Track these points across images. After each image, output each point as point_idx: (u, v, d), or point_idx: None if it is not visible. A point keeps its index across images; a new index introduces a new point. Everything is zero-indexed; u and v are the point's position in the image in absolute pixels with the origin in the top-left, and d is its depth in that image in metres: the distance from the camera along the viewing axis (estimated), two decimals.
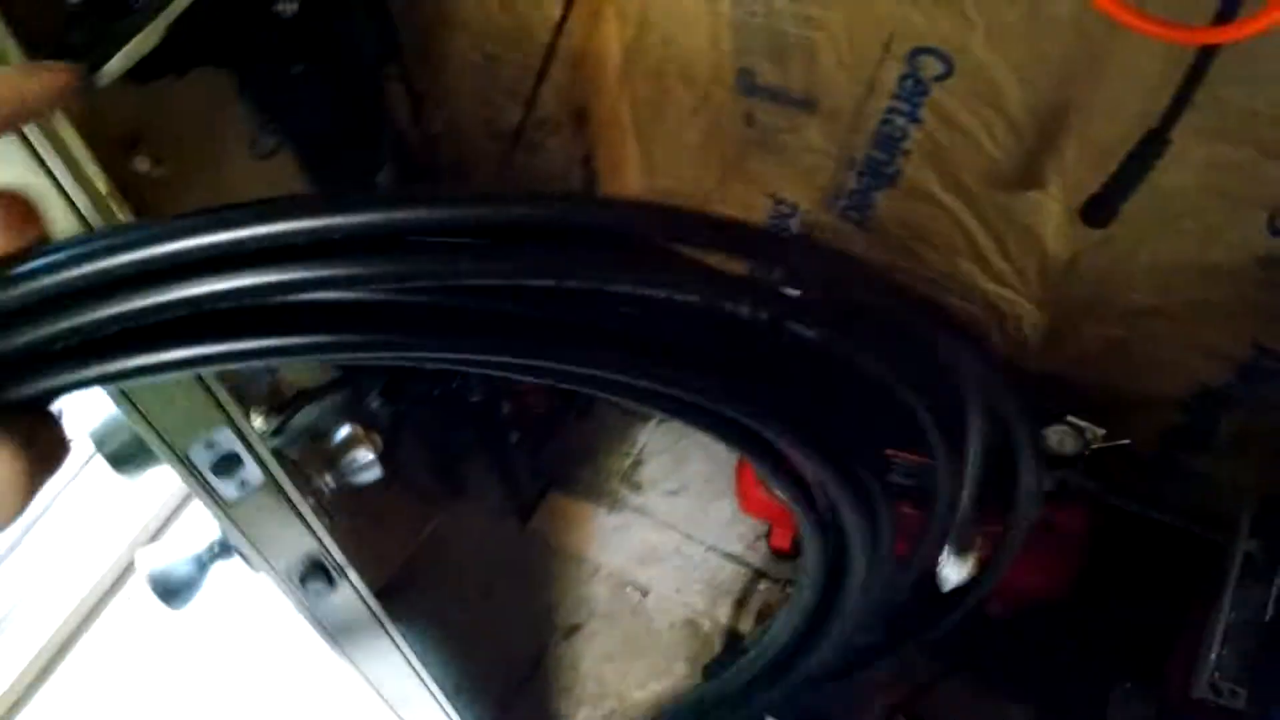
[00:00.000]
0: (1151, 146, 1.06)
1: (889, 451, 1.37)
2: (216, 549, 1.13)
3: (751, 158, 1.56)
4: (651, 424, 2.23)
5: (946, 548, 1.20)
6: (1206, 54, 0.95)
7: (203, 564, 1.14)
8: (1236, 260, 1.22)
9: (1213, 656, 1.14)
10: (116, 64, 0.62)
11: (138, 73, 0.65)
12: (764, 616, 1.97)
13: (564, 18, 1.31)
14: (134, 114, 1.05)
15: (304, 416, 1.85)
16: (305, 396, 1.72)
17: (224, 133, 1.23)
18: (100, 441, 0.91)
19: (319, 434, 1.51)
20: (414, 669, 1.36)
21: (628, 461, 2.18)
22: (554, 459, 2.17)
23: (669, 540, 2.07)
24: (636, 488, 2.15)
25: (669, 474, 2.14)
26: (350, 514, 1.39)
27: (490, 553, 2.10)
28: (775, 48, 1.37)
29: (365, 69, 1.35)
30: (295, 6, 1.08)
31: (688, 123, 1.57)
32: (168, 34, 0.67)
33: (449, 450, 2.02)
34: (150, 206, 1.10)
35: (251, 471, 0.95)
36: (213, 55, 1.08)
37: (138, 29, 0.66)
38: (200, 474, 0.91)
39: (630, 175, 1.68)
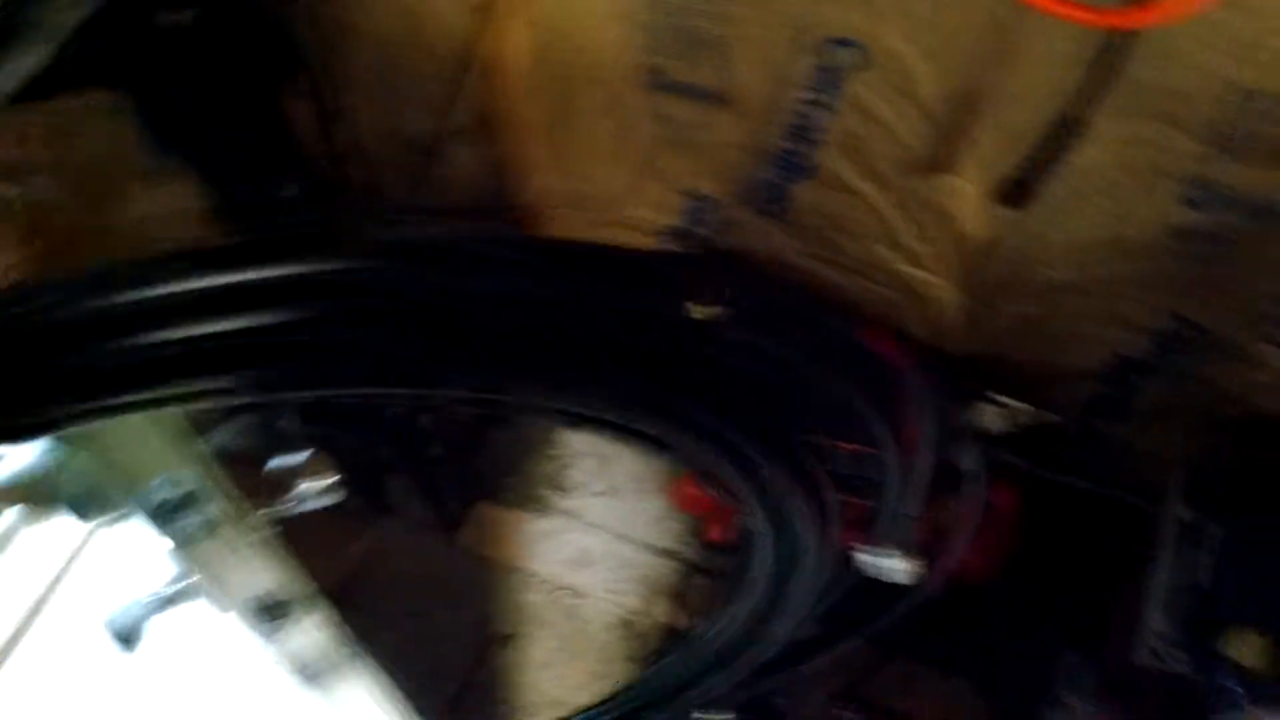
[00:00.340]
0: (1067, 127, 1.08)
1: (830, 441, 1.38)
2: (172, 593, 1.09)
3: (665, 155, 1.54)
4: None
5: (893, 544, 1.22)
6: (1121, 35, 0.96)
7: (158, 607, 1.09)
8: (1151, 234, 1.25)
9: (1152, 622, 1.17)
10: (6, 83, 0.58)
11: (29, 93, 0.61)
12: (701, 610, 1.97)
13: (471, 24, 1.26)
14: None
15: (221, 438, 1.78)
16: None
17: (122, 154, 1.16)
18: (50, 490, 0.86)
19: (243, 457, 1.46)
20: (377, 693, 1.33)
21: (554, 466, 2.15)
22: (479, 469, 2.12)
23: (600, 542, 2.05)
24: (564, 491, 2.12)
25: (596, 475, 2.11)
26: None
27: (420, 568, 2.05)
28: (685, 44, 1.34)
29: (264, 85, 1.29)
30: (186, 17, 1.02)
31: (599, 124, 1.53)
32: (58, 53, 0.63)
33: (371, 467, 1.96)
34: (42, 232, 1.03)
35: (213, 510, 0.92)
36: (105, 75, 1.01)
37: (27, 48, 0.61)
38: (162, 514, 0.87)
39: (542, 179, 1.64)
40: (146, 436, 0.82)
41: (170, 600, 1.10)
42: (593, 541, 2.05)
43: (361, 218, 1.50)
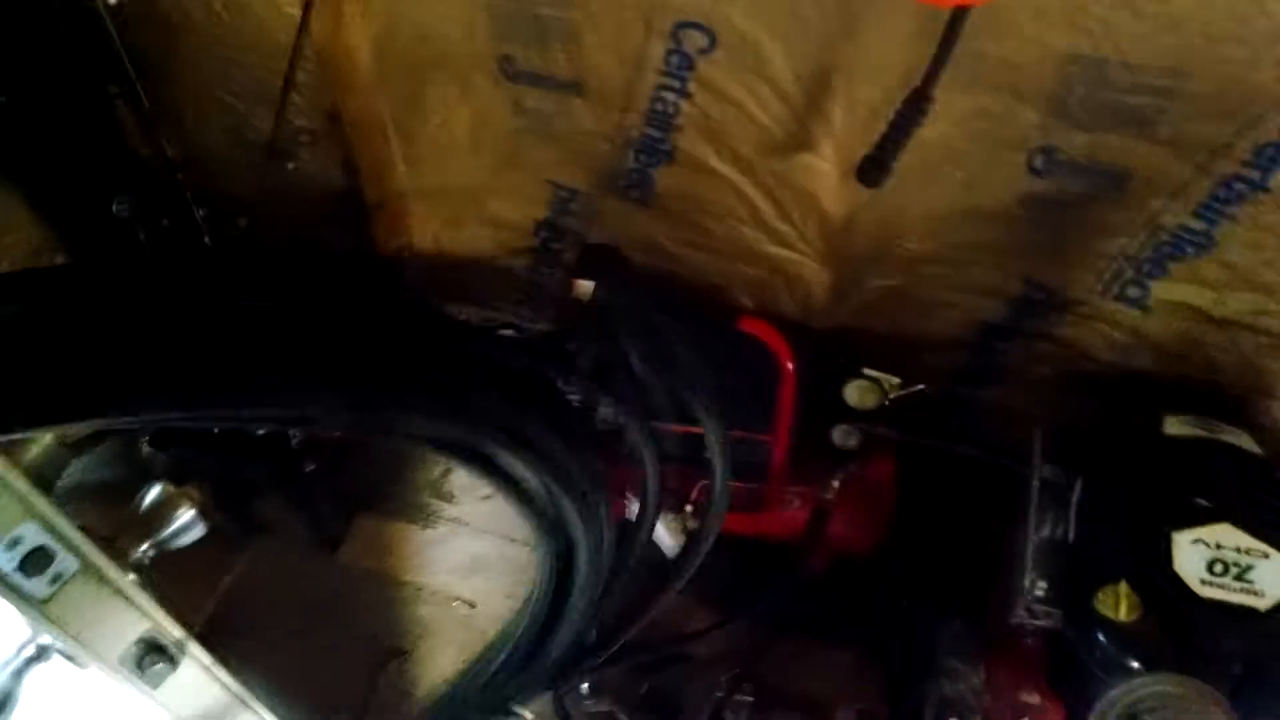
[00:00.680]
0: (916, 104, 1.09)
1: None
2: (32, 654, 1.00)
3: (525, 145, 1.50)
4: None
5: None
6: (960, 11, 0.97)
7: (18, 673, 1.02)
8: (1001, 202, 1.28)
9: (1025, 582, 1.20)
10: None
11: None
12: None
13: (304, 16, 1.20)
14: None
15: (74, 474, 1.67)
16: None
17: None
18: None
19: (105, 492, 1.37)
20: None
21: (436, 472, 2.09)
22: (357, 481, 2.05)
23: (490, 546, 2.00)
24: (449, 498, 2.06)
25: (480, 479, 2.06)
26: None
27: (302, 590, 1.97)
28: (534, 32, 1.31)
29: (81, 91, 1.20)
30: None
31: (452, 115, 1.49)
32: None
33: (241, 488, 1.87)
34: None
35: (65, 563, 0.84)
36: None
37: None
38: (6, 576, 0.80)
39: (394, 176, 1.59)
40: None
41: (37, 658, 1.02)
42: (482, 547, 2.00)
43: None
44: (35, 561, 0.82)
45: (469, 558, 1.99)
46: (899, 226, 1.39)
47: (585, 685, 1.60)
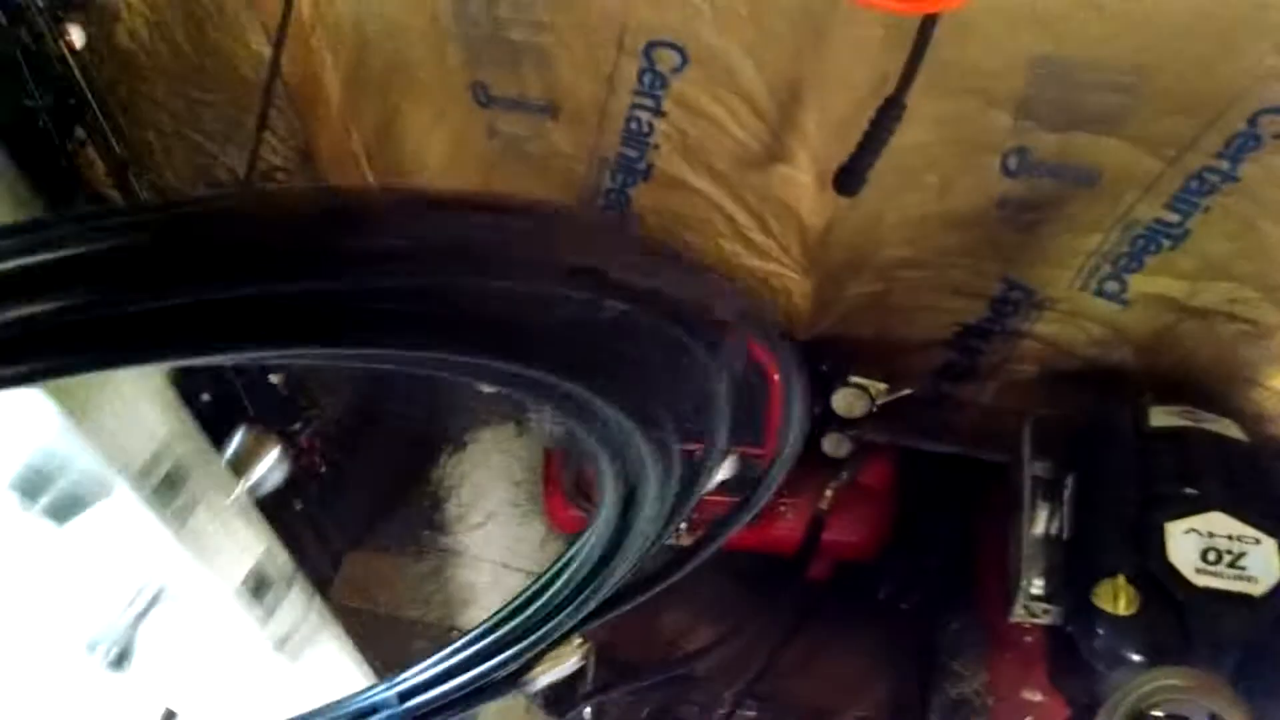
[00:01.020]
0: (889, 111, 1.09)
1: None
2: (148, 601, 0.99)
3: (501, 169, 1.50)
4: (443, 460, 2.13)
5: None
6: (929, 18, 0.98)
7: (136, 621, 1.01)
8: (976, 204, 1.29)
9: (1022, 580, 1.20)
10: None
11: None
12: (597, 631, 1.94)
13: (276, 53, 1.20)
14: None
15: None
16: None
17: None
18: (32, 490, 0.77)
19: None
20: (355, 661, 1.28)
21: (427, 503, 2.08)
22: (345, 518, 2.03)
23: (485, 574, 1.99)
24: (441, 529, 2.05)
25: (472, 507, 2.05)
26: None
27: None
28: (505, 57, 1.31)
29: (43, 136, 1.18)
30: None
31: (425, 143, 1.49)
32: None
33: None
34: None
35: (198, 487, 0.84)
36: None
37: None
38: (151, 493, 0.79)
39: None
40: (136, 404, 0.74)
41: (152, 605, 1.01)
42: (477, 576, 1.98)
43: None
44: (171, 482, 0.82)
45: (464, 587, 1.98)
46: (877, 233, 1.39)
47: (588, 711, 1.59)
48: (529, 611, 1.43)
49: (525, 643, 1.33)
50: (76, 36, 1.28)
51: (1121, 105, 1.13)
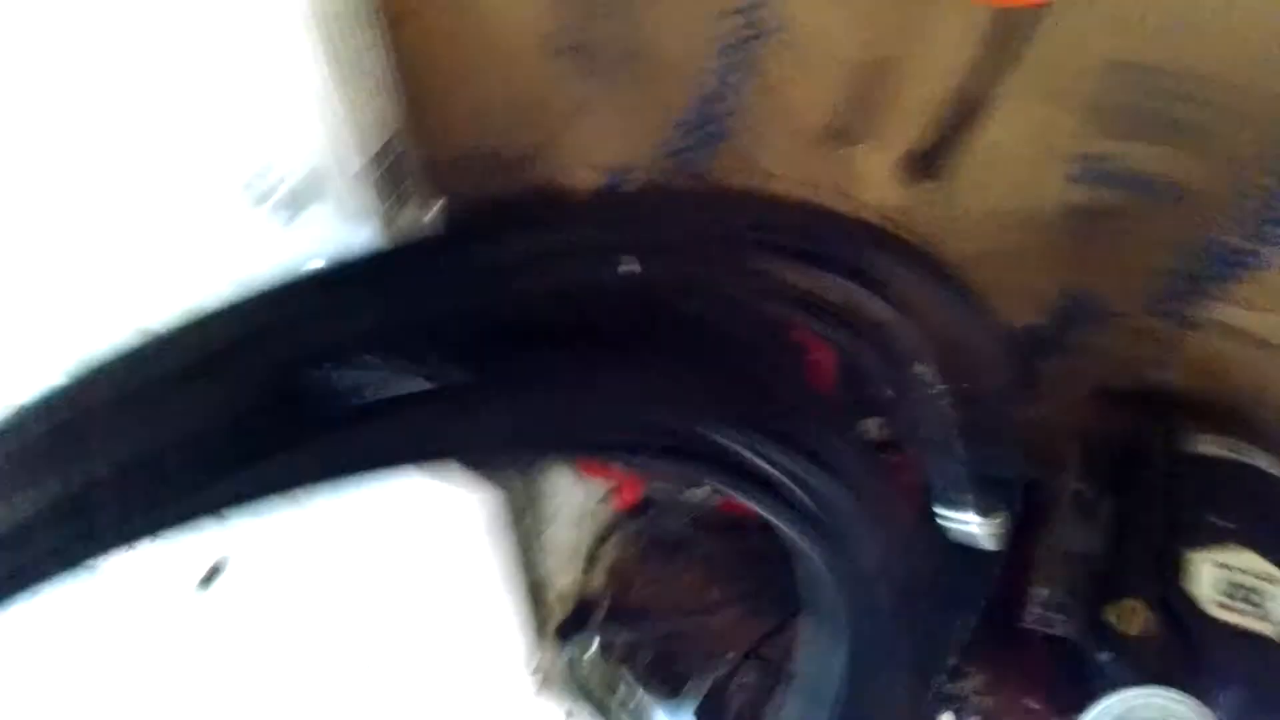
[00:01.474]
0: (973, 104, 1.09)
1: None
2: None
3: (576, 122, 1.51)
4: None
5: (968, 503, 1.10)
6: (1018, 13, 0.97)
7: None
8: (1044, 208, 1.28)
9: (1040, 587, 1.21)
10: None
11: None
12: (615, 572, 1.97)
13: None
14: None
15: None
16: None
17: None
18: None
19: None
20: None
21: None
22: None
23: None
24: None
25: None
26: None
27: None
28: (591, 6, 1.32)
29: None
30: None
31: (501, 87, 1.50)
32: None
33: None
34: None
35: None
36: None
37: None
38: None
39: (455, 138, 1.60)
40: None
41: None
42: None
43: None
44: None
45: None
46: (946, 226, 1.38)
47: (596, 640, 1.62)
48: None
49: None
50: None
51: (1204, 122, 1.10)
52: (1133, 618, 1.06)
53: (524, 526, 1.39)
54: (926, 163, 1.18)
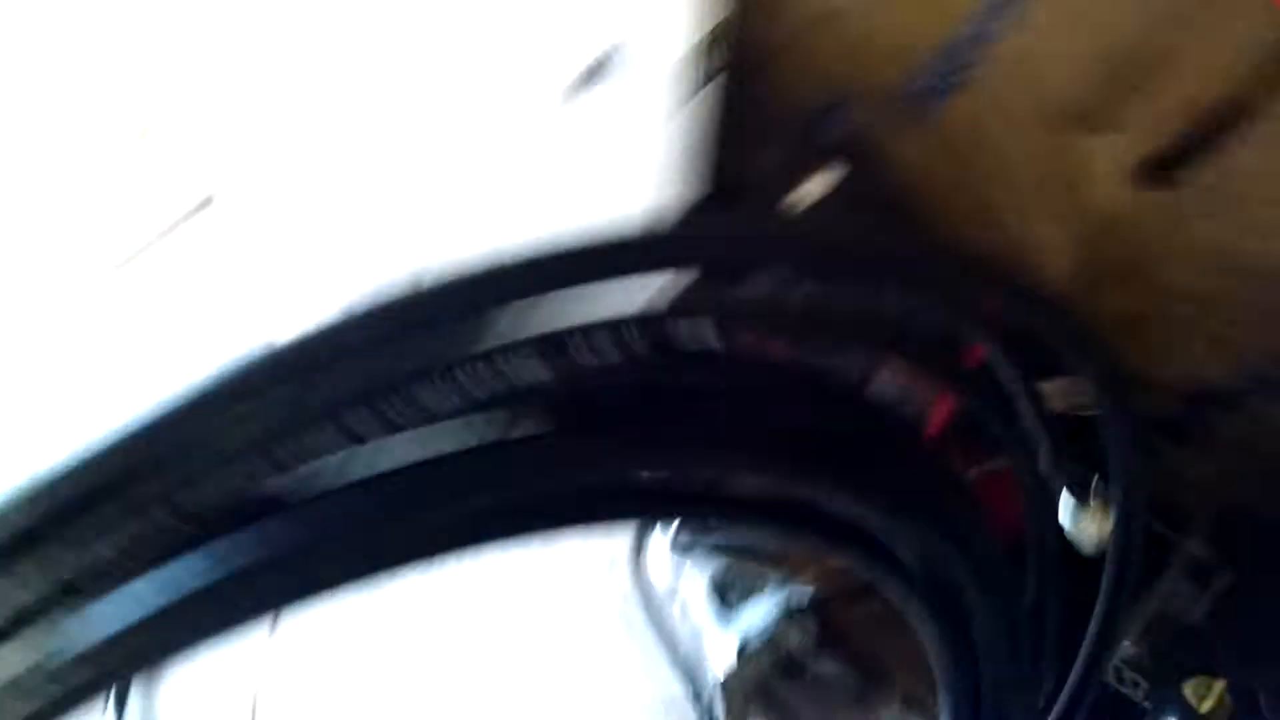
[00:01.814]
0: (1232, 116, 0.99)
1: None
2: None
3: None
4: None
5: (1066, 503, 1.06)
6: None
7: None
8: (1266, 262, 1.16)
9: (1126, 643, 1.14)
10: None
11: None
12: None
13: None
14: None
15: None
16: None
17: None
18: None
19: None
20: None
21: None
22: None
23: None
24: None
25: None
26: None
27: None
28: None
29: None
30: None
31: None
32: None
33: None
34: None
35: None
36: None
37: None
38: None
39: None
40: None
41: None
42: None
43: None
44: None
45: None
46: (1166, 247, 1.28)
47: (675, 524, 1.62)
48: None
49: None
50: None
51: None
52: (1211, 698, 0.99)
53: None
54: (1164, 170, 1.08)
